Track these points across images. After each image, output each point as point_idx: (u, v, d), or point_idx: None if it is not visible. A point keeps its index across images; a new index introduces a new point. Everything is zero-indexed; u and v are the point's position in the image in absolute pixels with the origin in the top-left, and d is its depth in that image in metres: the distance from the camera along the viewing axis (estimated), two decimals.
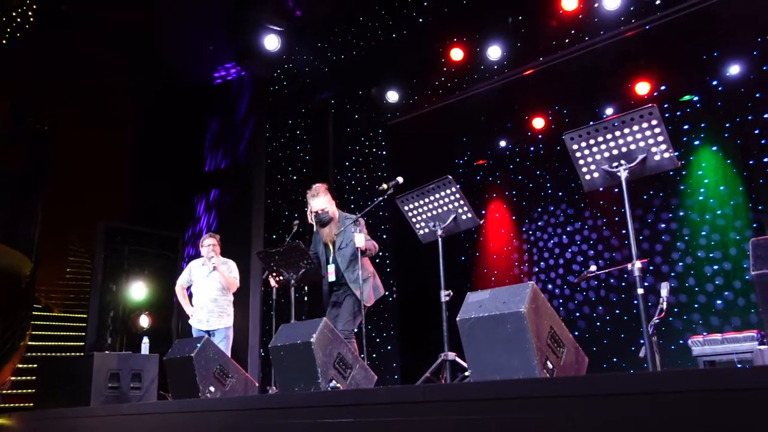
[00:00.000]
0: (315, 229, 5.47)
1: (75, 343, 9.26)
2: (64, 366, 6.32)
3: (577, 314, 8.64)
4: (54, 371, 6.28)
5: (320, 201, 5.28)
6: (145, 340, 6.44)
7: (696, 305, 7.53)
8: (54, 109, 9.50)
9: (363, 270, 5.04)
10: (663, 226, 7.97)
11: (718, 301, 7.39)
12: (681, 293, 7.62)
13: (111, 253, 8.95)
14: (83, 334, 8.88)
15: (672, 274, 7.72)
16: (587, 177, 3.52)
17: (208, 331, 6.13)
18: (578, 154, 3.48)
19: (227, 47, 8.82)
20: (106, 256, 8.87)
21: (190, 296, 6.51)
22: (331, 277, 5.21)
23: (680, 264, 7.74)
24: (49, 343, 9.18)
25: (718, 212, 7.61)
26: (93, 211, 9.86)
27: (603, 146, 3.40)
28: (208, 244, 6.33)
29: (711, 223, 7.65)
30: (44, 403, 5.97)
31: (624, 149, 3.36)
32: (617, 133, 3.34)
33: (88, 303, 8.85)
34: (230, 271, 6.43)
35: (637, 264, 3.23)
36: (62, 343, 9.32)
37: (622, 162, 3.37)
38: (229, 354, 6.11)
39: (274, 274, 5.20)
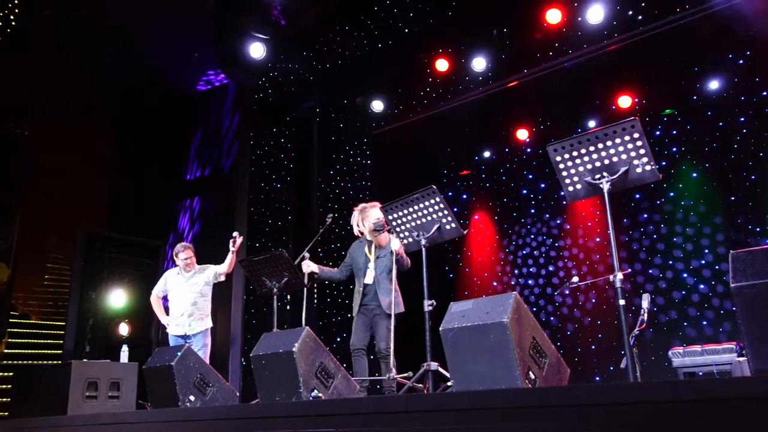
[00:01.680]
0: (360, 240, 5.66)
1: (53, 351, 9.12)
2: (41, 374, 6.21)
3: (560, 325, 8.68)
4: (31, 379, 6.17)
5: (378, 211, 5.40)
6: (124, 348, 6.35)
7: (677, 316, 7.60)
8: (33, 114, 9.40)
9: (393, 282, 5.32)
10: (644, 237, 8.06)
11: (698, 312, 7.48)
12: (663, 305, 7.70)
13: (90, 261, 8.83)
14: (61, 342, 8.74)
15: (652, 286, 7.79)
16: (570, 188, 3.55)
17: (185, 336, 6.06)
18: (561, 166, 3.50)
19: (212, 54, 8.78)
20: (85, 264, 8.75)
21: (166, 309, 6.43)
22: (369, 280, 5.43)
23: (661, 275, 7.82)
24: (27, 351, 9.04)
25: (698, 224, 7.71)
26: (73, 218, 9.75)
27: (586, 158, 3.43)
28: (184, 258, 6.25)
29: (691, 235, 7.75)
30: (20, 412, 5.87)
31: (606, 161, 3.39)
32: (600, 146, 3.37)
33: (67, 310, 8.72)
34: (212, 272, 6.35)
35: (619, 275, 3.25)
36: (40, 351, 9.17)
37: (605, 174, 3.40)
38: (208, 359, 6.05)
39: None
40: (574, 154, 3.44)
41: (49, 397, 5.56)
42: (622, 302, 3.23)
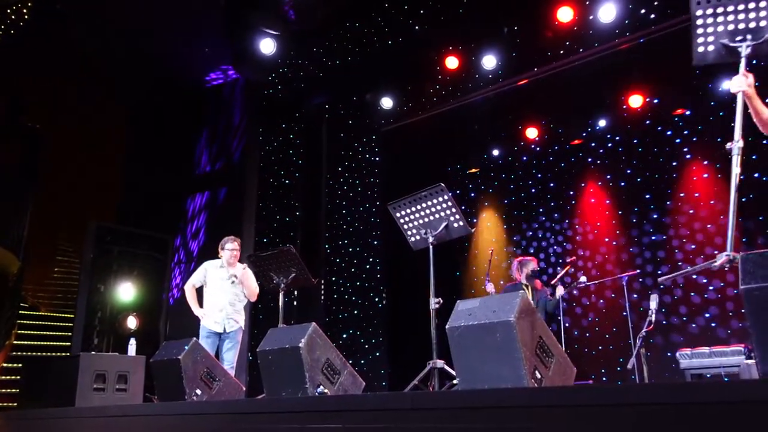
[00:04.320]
0: (514, 283, 6.40)
1: (61, 343, 9.18)
2: (49, 366, 6.25)
3: (566, 325, 8.65)
4: (39, 371, 6.21)
5: (533, 264, 6.45)
6: (132, 341, 6.37)
7: (685, 318, 7.56)
8: (47, 108, 9.46)
9: None
10: (652, 238, 8.01)
11: (707, 314, 7.43)
12: (671, 305, 7.65)
13: (100, 254, 8.87)
14: (70, 334, 8.80)
15: (661, 286, 7.75)
16: (700, 48, 3.35)
17: (220, 334, 6.01)
18: (699, 21, 3.30)
19: (223, 50, 8.81)
20: (95, 256, 8.80)
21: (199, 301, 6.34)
22: None
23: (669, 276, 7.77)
24: (35, 343, 9.10)
25: (708, 225, 7.66)
26: (83, 211, 9.80)
27: (730, 17, 3.21)
28: (231, 248, 6.12)
29: (700, 235, 7.70)
30: (28, 403, 5.91)
31: (752, 24, 3.16)
32: (751, 5, 3.14)
33: (76, 303, 8.77)
34: (253, 280, 6.25)
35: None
36: (48, 343, 9.24)
37: (748, 37, 3.18)
38: (237, 355, 6.04)
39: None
40: (719, 10, 3.23)
41: (57, 389, 5.60)
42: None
